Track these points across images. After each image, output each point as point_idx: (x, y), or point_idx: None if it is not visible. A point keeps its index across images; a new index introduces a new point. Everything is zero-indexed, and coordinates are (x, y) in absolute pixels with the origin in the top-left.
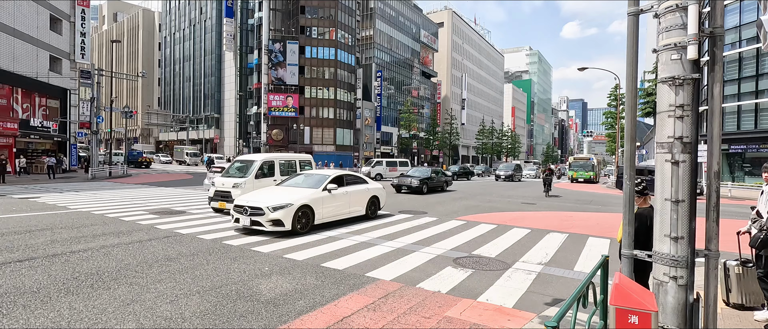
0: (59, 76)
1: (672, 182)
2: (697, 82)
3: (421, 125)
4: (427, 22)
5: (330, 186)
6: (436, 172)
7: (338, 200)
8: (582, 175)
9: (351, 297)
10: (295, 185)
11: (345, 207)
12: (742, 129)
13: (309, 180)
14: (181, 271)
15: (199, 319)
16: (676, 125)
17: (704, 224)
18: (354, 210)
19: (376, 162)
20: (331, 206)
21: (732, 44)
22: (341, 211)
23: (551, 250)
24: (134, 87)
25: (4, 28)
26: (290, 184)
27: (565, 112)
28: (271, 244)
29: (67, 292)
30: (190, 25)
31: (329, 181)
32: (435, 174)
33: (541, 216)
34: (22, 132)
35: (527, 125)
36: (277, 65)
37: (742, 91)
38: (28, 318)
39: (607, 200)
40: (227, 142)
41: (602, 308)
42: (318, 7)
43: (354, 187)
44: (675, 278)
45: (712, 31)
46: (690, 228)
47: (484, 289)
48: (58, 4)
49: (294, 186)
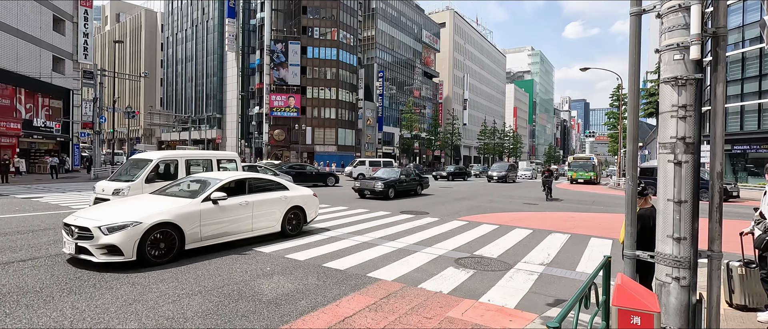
0: (62, 76)
1: (675, 182)
2: (699, 82)
3: (423, 126)
4: (428, 23)
5: (216, 195)
6: (406, 173)
7: (232, 213)
8: (582, 176)
9: (352, 297)
10: (171, 193)
11: (244, 223)
12: (746, 129)
13: (193, 186)
14: (182, 271)
15: (201, 319)
16: (679, 126)
17: (707, 225)
18: (261, 226)
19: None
20: (218, 222)
21: (735, 44)
22: (237, 228)
23: (553, 251)
24: (137, 87)
25: (8, 28)
26: (168, 192)
27: (567, 112)
28: (272, 244)
29: (69, 291)
30: (193, 26)
31: (217, 188)
32: (405, 176)
33: (543, 217)
34: (25, 132)
35: (529, 126)
36: (278, 66)
37: (745, 91)
38: (30, 318)
39: (609, 200)
40: (229, 142)
41: (604, 309)
42: (320, 7)
43: (262, 196)
44: (678, 279)
45: (715, 31)
46: (693, 229)
47: (486, 290)
48: (61, 5)
49: (168, 195)
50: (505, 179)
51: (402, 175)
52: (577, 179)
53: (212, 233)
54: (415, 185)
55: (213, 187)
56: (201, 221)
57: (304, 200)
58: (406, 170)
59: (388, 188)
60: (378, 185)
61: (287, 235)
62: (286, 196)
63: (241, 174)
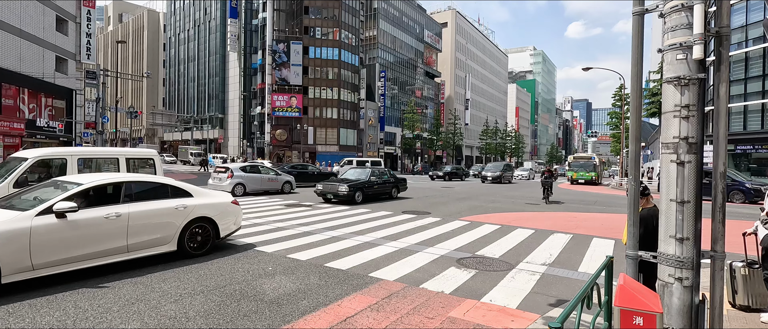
0: (65, 76)
1: (677, 182)
2: (702, 82)
3: (425, 126)
4: (430, 23)
5: (61, 206)
6: (378, 174)
7: (92, 229)
8: (582, 176)
9: (354, 297)
10: (12, 205)
11: (113, 242)
12: (749, 129)
13: (41, 194)
14: (185, 270)
15: (203, 319)
16: (682, 126)
17: (710, 225)
18: (143, 245)
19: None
20: (64, 243)
21: (738, 44)
22: (101, 249)
23: (555, 251)
24: (139, 87)
25: (11, 29)
26: (12, 202)
27: (570, 112)
28: (274, 244)
29: (72, 291)
30: (195, 26)
31: (65, 197)
32: (376, 177)
33: (545, 217)
34: (29, 132)
35: (531, 126)
36: (280, 66)
37: (749, 91)
38: (33, 317)
39: (611, 200)
40: (231, 142)
41: (607, 309)
42: (322, 7)
43: (146, 205)
44: (680, 279)
45: (718, 31)
46: (695, 229)
47: (488, 290)
48: (64, 5)
49: (4, 208)
50: (500, 180)
51: (372, 176)
52: (577, 180)
53: (54, 258)
54: (389, 188)
55: (59, 196)
56: (32, 244)
57: (215, 209)
58: (378, 170)
59: (354, 192)
60: (342, 188)
61: (189, 255)
62: (187, 205)
63: (116, 176)
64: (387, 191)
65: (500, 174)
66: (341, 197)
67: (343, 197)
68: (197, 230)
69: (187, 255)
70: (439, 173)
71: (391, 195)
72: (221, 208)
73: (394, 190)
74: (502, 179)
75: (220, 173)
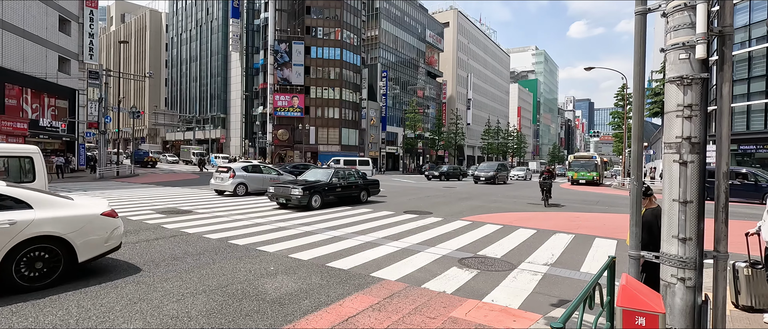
0: (68, 76)
1: (680, 182)
2: (705, 81)
3: (427, 125)
4: (432, 22)
5: None
6: (343, 176)
7: None
8: (583, 176)
9: (356, 296)
10: None
11: None
12: (752, 129)
13: None
14: (187, 270)
15: (206, 318)
16: (685, 125)
17: (712, 225)
18: None
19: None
20: None
21: (741, 43)
22: None
23: (557, 251)
24: (141, 87)
25: (14, 29)
26: None
27: (572, 112)
28: (276, 244)
29: (75, 290)
30: (197, 26)
31: None
32: (339, 179)
33: (547, 217)
34: (32, 132)
35: (533, 125)
36: (282, 65)
37: (752, 90)
38: (37, 316)
39: (613, 200)
40: (233, 142)
41: (609, 309)
42: (323, 7)
43: None
44: (683, 279)
45: (721, 30)
46: (698, 229)
47: (490, 290)
48: (66, 5)
49: None
50: (494, 181)
51: (335, 178)
52: (578, 180)
53: None
54: (356, 191)
55: None
56: None
57: (69, 225)
58: (344, 171)
59: (310, 196)
60: (295, 191)
61: (22, 289)
62: (16, 220)
63: None
64: (353, 194)
65: (494, 174)
66: (294, 202)
67: (297, 201)
68: (36, 255)
69: (17, 289)
70: (434, 173)
71: (360, 199)
72: (79, 223)
73: (363, 193)
74: (496, 179)
75: (223, 172)
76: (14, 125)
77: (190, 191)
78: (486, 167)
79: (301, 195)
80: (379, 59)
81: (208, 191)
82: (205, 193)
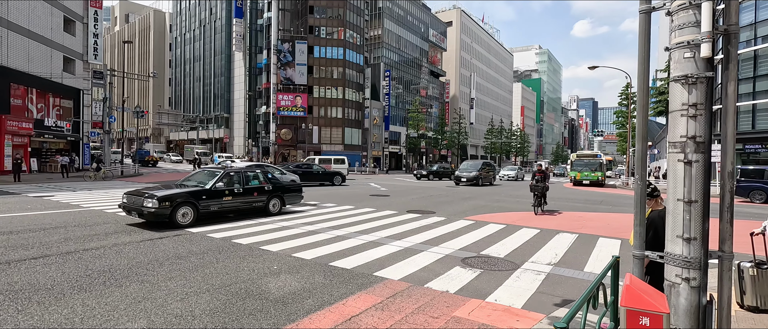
0: (72, 76)
1: (685, 182)
2: (710, 80)
3: (430, 125)
4: (435, 22)
5: None
6: (238, 180)
7: None
8: (588, 176)
9: (359, 296)
10: None
11: None
12: (757, 128)
13: None
14: (191, 269)
15: (209, 317)
16: (689, 124)
17: (718, 225)
18: None
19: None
20: None
21: (747, 42)
22: None
23: (561, 250)
24: (145, 87)
25: (20, 29)
26: None
27: (576, 111)
28: (280, 243)
29: (80, 289)
30: (200, 26)
31: None
32: (230, 184)
33: (550, 217)
34: (37, 132)
35: (537, 125)
36: (285, 65)
37: (758, 89)
38: (42, 315)
39: (618, 200)
40: (237, 142)
41: (613, 309)
42: (326, 7)
43: None
44: (687, 279)
45: (727, 29)
46: (703, 229)
47: (493, 289)
48: (71, 6)
49: None
50: (477, 182)
51: (221, 182)
52: (582, 180)
53: None
54: (260, 200)
55: None
56: None
57: None
58: (242, 174)
59: (173, 208)
60: (149, 202)
61: None
62: None
63: None
64: (256, 204)
65: (477, 175)
66: (148, 217)
67: (151, 216)
68: None
69: None
70: (423, 172)
71: (266, 210)
72: None
73: (274, 203)
74: (480, 180)
75: None
76: (20, 125)
77: None
78: (468, 166)
79: (156, 208)
80: (382, 59)
81: None
82: None
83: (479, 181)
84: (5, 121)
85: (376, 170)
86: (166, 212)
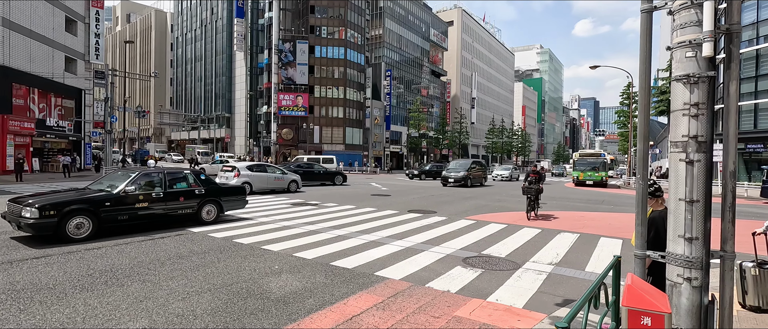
0: (74, 76)
1: (686, 181)
2: (712, 79)
3: (431, 124)
4: (436, 21)
5: None
6: (158, 182)
7: None
8: (591, 177)
9: (360, 295)
10: None
11: None
12: (759, 128)
13: None
14: (192, 269)
15: (210, 316)
16: (691, 124)
17: (719, 225)
18: None
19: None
20: None
21: (749, 41)
22: None
23: (562, 250)
24: (147, 87)
25: (21, 29)
26: None
27: (577, 111)
28: (281, 243)
29: (82, 289)
30: (202, 26)
31: None
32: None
33: (552, 216)
34: (39, 132)
35: (538, 124)
36: (287, 65)
37: (760, 89)
38: (44, 314)
39: (619, 200)
40: (238, 141)
41: (614, 309)
42: (327, 6)
43: None
44: (689, 279)
45: (729, 28)
46: (705, 229)
47: (494, 289)
48: (73, 6)
49: None
50: (466, 183)
51: (133, 185)
52: (584, 181)
53: None
54: (189, 206)
55: None
56: None
57: None
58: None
59: (63, 219)
60: (27, 213)
61: None
62: None
63: None
64: (183, 211)
65: (465, 175)
66: (26, 229)
67: (30, 229)
68: None
69: None
70: (414, 172)
71: (198, 218)
72: None
73: (209, 209)
74: (469, 181)
75: (228, 171)
76: (21, 125)
77: None
78: (456, 165)
79: (36, 219)
80: (383, 58)
81: None
82: None
83: (468, 182)
84: (7, 121)
85: (377, 169)
86: (51, 223)
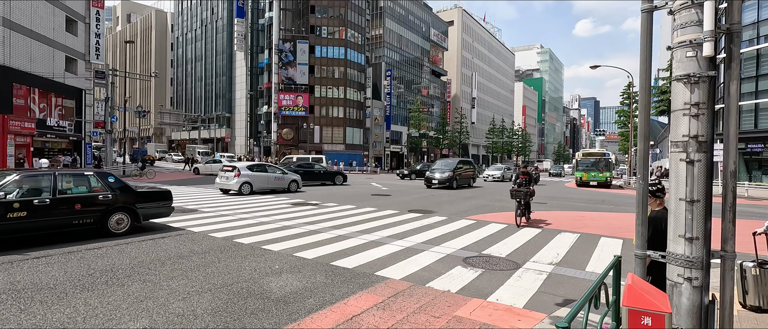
0: (75, 76)
1: (687, 181)
2: (713, 79)
3: (431, 124)
4: (436, 21)
5: None
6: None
7: None
8: (595, 177)
9: (360, 295)
10: None
11: None
12: (760, 128)
13: None
14: (193, 269)
15: (211, 316)
16: (691, 124)
17: (720, 225)
18: None
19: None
20: None
21: (749, 41)
22: None
23: (562, 250)
24: (147, 87)
25: (22, 29)
26: None
27: (577, 110)
28: (281, 242)
29: (82, 288)
30: (202, 26)
31: None
32: (24, 191)
33: (552, 216)
34: (39, 132)
35: (538, 124)
36: (287, 65)
37: (760, 88)
38: (45, 314)
39: (620, 200)
40: (238, 141)
41: (614, 309)
42: (328, 6)
43: None
44: (690, 279)
45: (729, 28)
46: (705, 229)
47: (495, 289)
48: (73, 6)
49: None
50: (451, 184)
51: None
52: (588, 182)
53: None
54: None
55: None
56: None
57: None
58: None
59: None
60: None
61: None
62: None
63: None
64: (74, 221)
65: (451, 176)
66: None
67: None
68: None
69: None
70: (405, 172)
71: (106, 229)
72: None
73: (120, 218)
74: (454, 182)
75: (228, 171)
76: (22, 125)
77: (195, 190)
78: (441, 165)
79: None
80: (384, 58)
81: (214, 189)
82: (211, 192)
83: (453, 183)
84: (8, 121)
85: (377, 169)
86: None
